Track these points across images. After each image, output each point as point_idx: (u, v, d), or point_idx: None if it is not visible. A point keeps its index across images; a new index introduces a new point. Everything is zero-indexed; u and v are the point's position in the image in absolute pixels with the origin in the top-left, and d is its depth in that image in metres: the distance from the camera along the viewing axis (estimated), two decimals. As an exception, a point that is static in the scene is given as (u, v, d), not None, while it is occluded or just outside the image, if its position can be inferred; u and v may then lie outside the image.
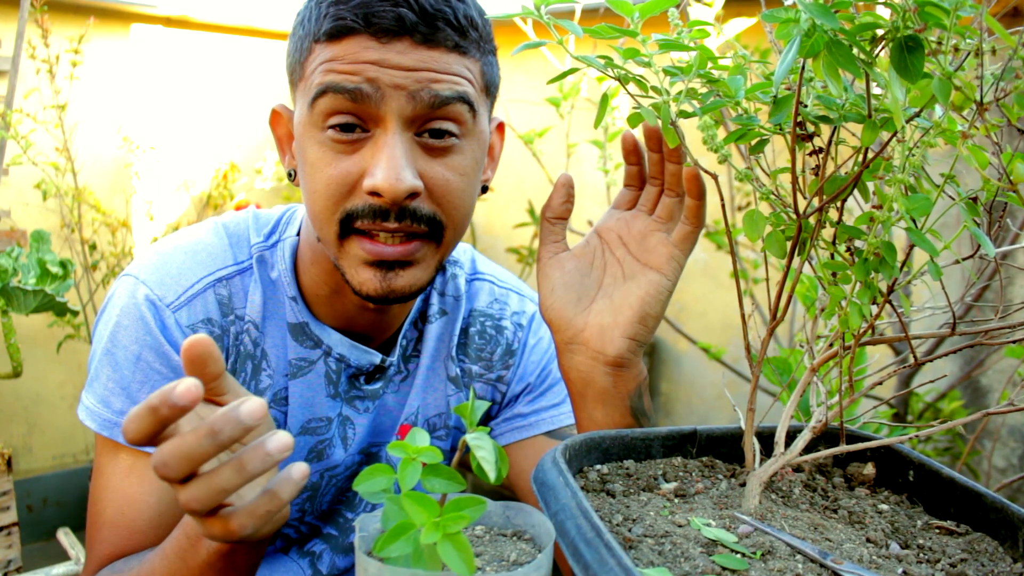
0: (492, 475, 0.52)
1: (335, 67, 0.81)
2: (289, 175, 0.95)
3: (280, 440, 0.60)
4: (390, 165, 0.80)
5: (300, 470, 0.63)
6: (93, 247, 2.88)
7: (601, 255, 0.86)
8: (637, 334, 0.82)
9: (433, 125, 0.83)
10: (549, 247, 0.86)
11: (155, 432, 0.59)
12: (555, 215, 0.86)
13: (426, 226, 0.84)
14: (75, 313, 2.12)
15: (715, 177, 0.66)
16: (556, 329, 0.85)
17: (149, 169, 3.01)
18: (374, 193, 0.81)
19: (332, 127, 0.82)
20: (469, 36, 0.84)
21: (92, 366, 0.94)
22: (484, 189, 0.96)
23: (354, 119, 0.82)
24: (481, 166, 0.92)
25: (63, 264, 2.03)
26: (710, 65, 0.62)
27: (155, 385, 0.90)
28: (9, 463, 1.79)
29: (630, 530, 0.57)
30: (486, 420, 1.13)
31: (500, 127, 1.02)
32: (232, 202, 3.18)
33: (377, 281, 0.85)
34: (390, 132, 0.81)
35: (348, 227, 0.84)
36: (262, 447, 0.60)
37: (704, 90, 0.63)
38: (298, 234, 0.99)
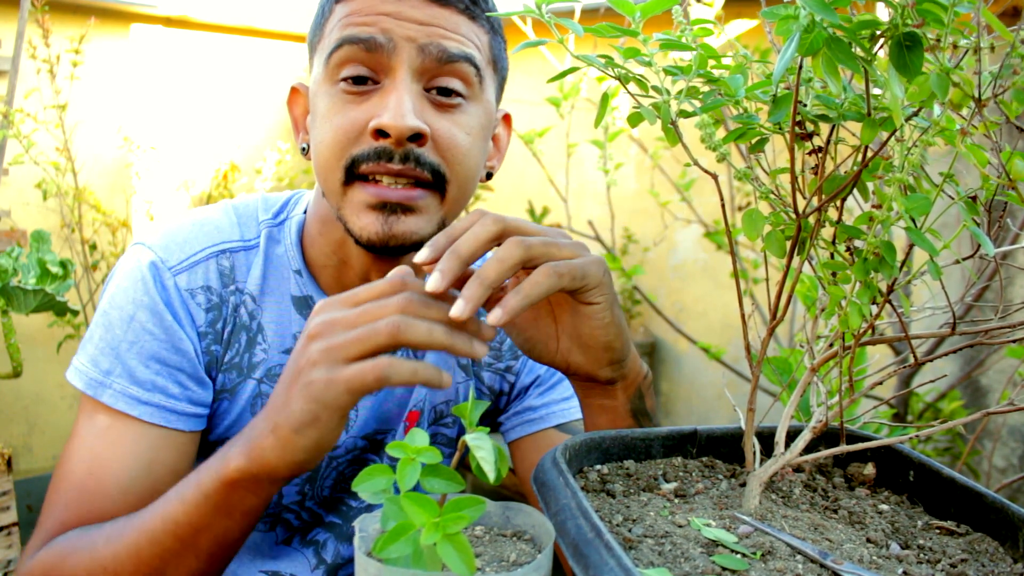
0: (492, 475, 0.52)
1: (352, 20, 0.85)
2: (303, 150, 0.97)
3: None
4: (397, 105, 0.83)
5: None
6: (93, 247, 2.88)
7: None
8: (612, 357, 0.80)
9: (441, 82, 0.87)
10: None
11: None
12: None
13: (429, 174, 0.86)
14: (75, 313, 2.12)
15: (715, 177, 0.65)
16: (549, 367, 0.84)
17: (149, 169, 3.02)
18: (380, 133, 0.84)
19: (344, 79, 0.86)
20: (479, 4, 0.89)
21: (89, 328, 0.95)
22: (489, 176, 0.98)
23: (366, 71, 0.86)
24: (487, 136, 0.94)
25: (63, 264, 2.03)
26: (711, 64, 0.62)
27: (144, 346, 0.90)
28: (9, 463, 1.79)
29: (630, 530, 0.57)
30: (496, 413, 1.14)
31: (507, 118, 1.03)
32: (232, 202, 3.18)
33: (379, 224, 0.86)
34: (399, 79, 0.85)
35: (352, 173, 0.86)
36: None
37: (705, 89, 0.63)
38: (304, 213, 1.01)
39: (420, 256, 0.70)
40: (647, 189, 2.75)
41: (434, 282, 0.68)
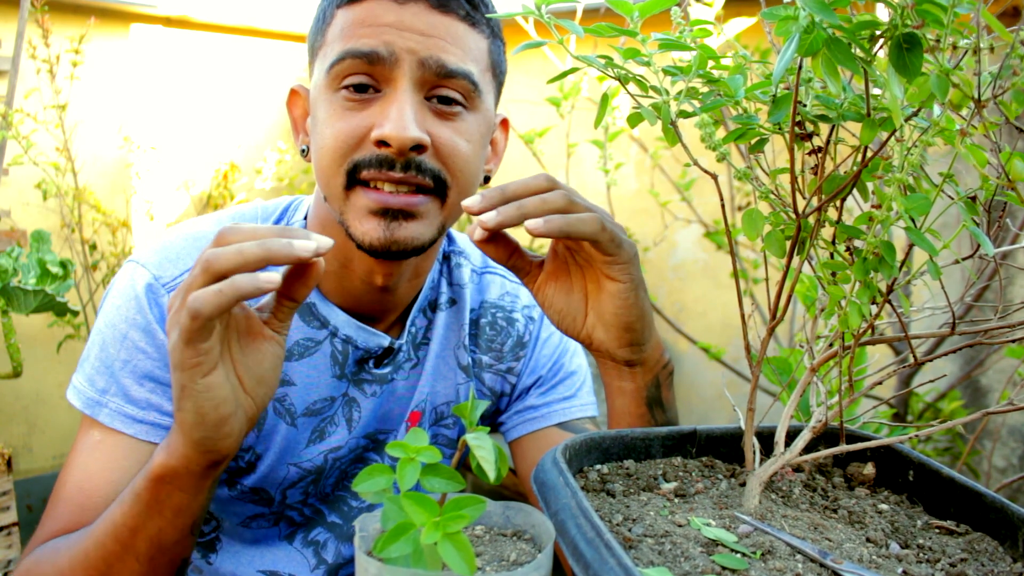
0: (492, 474, 0.52)
1: (354, 31, 0.86)
2: (302, 152, 0.98)
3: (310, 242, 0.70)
4: (398, 116, 0.84)
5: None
6: (93, 247, 2.88)
7: (572, 263, 0.86)
8: (632, 339, 0.85)
9: (441, 92, 0.88)
10: (525, 283, 0.88)
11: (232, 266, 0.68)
12: (500, 261, 0.85)
13: (431, 180, 0.87)
14: (75, 313, 2.12)
15: (715, 177, 0.65)
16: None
17: (149, 169, 3.01)
18: (382, 143, 0.85)
19: (346, 87, 0.87)
20: (479, 10, 0.90)
21: (86, 346, 0.96)
22: (487, 179, 0.99)
23: (368, 79, 0.87)
24: (486, 143, 0.95)
25: (63, 264, 2.03)
26: (710, 64, 0.62)
27: (137, 365, 0.91)
28: (9, 463, 1.79)
29: (630, 530, 0.57)
30: (497, 414, 1.14)
31: (504, 123, 1.04)
32: (232, 202, 3.18)
33: (380, 230, 0.87)
34: (400, 89, 0.86)
35: (354, 178, 0.87)
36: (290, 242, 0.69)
37: (704, 90, 0.63)
38: (305, 219, 1.02)
39: (469, 202, 0.77)
40: (647, 189, 2.75)
41: (486, 216, 0.76)
